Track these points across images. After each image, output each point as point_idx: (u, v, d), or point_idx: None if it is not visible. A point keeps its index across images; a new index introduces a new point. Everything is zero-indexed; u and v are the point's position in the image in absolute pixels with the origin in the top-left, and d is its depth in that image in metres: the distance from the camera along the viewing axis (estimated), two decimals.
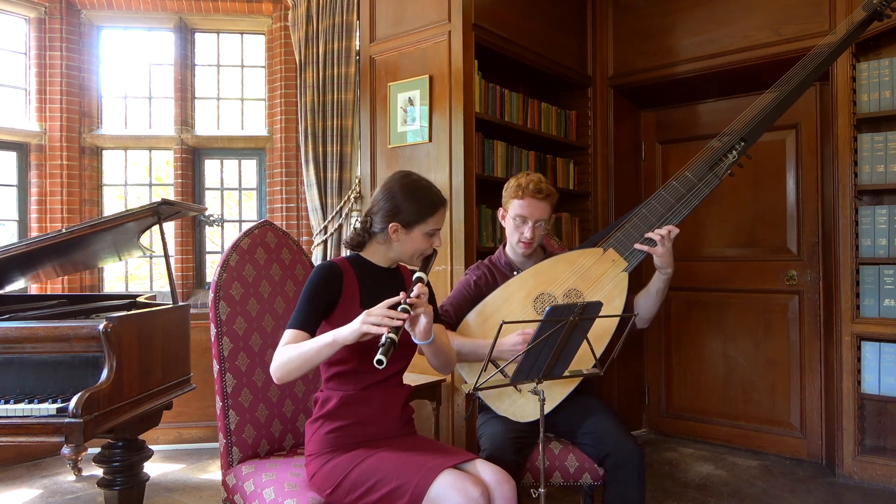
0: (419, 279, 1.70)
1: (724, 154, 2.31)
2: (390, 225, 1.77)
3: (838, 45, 2.46)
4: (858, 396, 3.30)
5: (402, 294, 1.63)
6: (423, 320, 1.66)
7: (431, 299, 1.89)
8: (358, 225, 1.86)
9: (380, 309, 1.58)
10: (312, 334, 1.70)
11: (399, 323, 1.56)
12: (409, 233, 1.78)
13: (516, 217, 2.28)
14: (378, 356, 1.51)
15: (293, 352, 1.65)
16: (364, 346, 1.67)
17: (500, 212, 2.37)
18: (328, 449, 1.73)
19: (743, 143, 2.31)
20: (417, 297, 1.63)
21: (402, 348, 1.78)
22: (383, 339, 1.54)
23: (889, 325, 3.21)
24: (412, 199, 1.77)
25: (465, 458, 1.72)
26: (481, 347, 2.09)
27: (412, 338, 1.70)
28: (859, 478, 3.28)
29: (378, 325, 1.55)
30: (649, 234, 2.21)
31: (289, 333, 1.70)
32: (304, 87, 3.86)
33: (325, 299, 1.74)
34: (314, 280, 1.75)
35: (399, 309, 1.59)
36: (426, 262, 1.81)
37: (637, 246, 2.24)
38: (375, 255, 1.85)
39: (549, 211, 2.28)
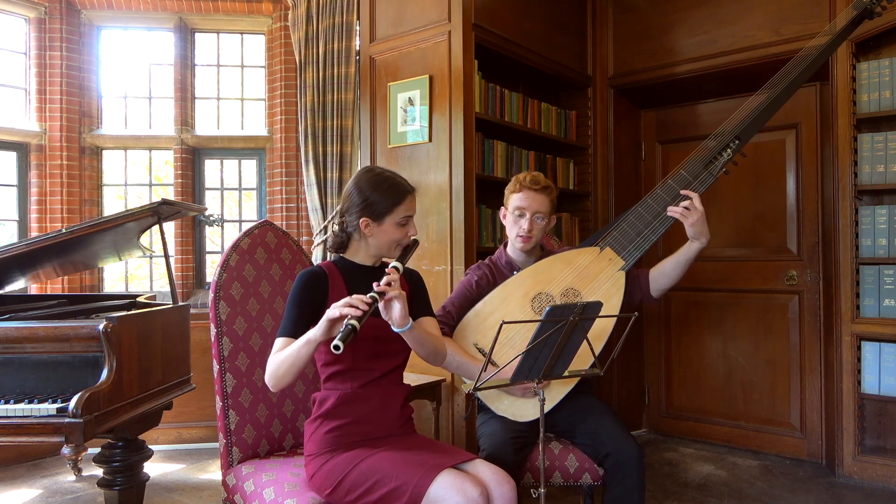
0: (394, 268, 1.69)
1: (718, 152, 2.32)
2: (361, 220, 1.78)
3: (828, 45, 2.46)
4: (858, 396, 3.30)
5: (374, 284, 1.63)
6: (396, 306, 1.64)
7: (420, 292, 1.91)
8: (336, 227, 1.86)
9: (345, 299, 1.57)
10: None
11: (359, 312, 1.54)
12: (380, 225, 1.79)
13: (515, 210, 2.28)
14: (335, 341, 1.50)
15: (279, 358, 1.66)
16: (356, 343, 1.67)
17: (502, 211, 2.36)
18: (327, 448, 1.73)
19: (737, 142, 2.32)
20: (388, 283, 1.62)
21: (398, 344, 1.78)
22: (344, 324, 1.53)
23: (889, 325, 3.21)
24: (378, 191, 1.77)
25: (465, 458, 1.72)
26: (473, 368, 2.07)
27: (391, 327, 1.69)
28: (859, 478, 3.28)
29: (341, 313, 1.54)
30: (671, 210, 2.20)
31: (278, 342, 1.71)
32: (304, 87, 3.87)
33: (311, 305, 1.73)
34: (298, 287, 1.75)
35: (368, 296, 1.58)
36: (405, 251, 1.80)
37: (670, 209, 2.20)
38: (358, 254, 1.86)
39: (547, 205, 2.27)
